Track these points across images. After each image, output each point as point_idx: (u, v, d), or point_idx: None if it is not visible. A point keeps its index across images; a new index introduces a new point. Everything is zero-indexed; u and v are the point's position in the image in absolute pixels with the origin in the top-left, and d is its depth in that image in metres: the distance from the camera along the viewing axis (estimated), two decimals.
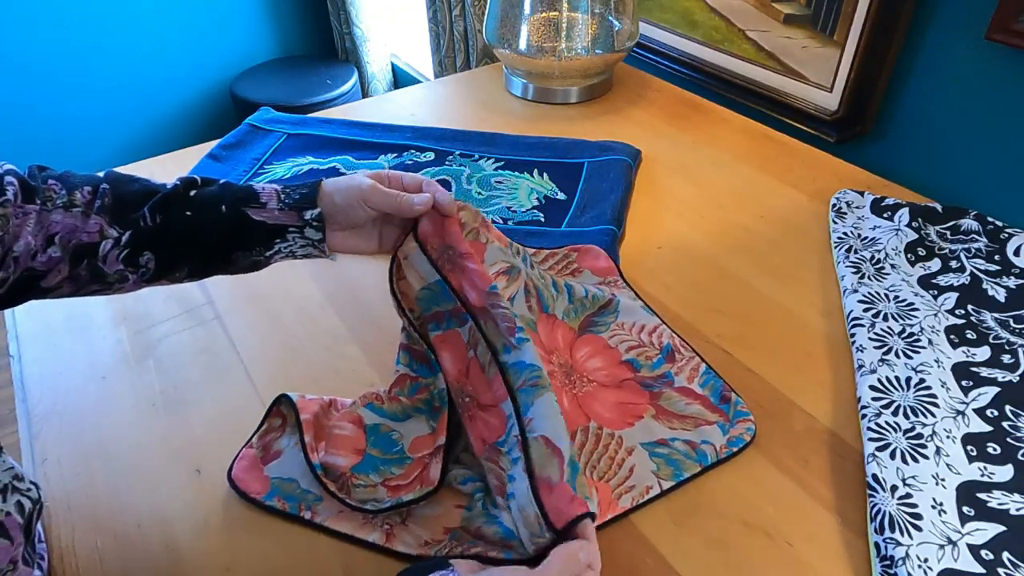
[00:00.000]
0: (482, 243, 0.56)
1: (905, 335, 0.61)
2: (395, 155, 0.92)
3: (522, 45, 1.05)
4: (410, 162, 0.90)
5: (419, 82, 2.12)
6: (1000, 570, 0.45)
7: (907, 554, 0.44)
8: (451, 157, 0.91)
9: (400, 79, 2.34)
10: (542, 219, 0.79)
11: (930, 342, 0.60)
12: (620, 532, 0.49)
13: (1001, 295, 0.65)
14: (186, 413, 0.59)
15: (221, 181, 0.54)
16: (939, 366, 0.58)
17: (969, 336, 0.61)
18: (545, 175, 0.87)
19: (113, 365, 0.63)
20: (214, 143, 0.95)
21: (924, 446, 0.52)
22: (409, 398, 0.56)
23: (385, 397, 0.56)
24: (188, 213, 0.51)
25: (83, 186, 0.51)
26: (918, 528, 0.46)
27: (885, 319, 0.62)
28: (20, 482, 0.44)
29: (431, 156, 0.92)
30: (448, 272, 0.53)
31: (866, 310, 0.63)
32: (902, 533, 0.45)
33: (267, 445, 0.55)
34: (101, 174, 0.53)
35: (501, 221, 0.79)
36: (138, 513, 0.51)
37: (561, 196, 0.83)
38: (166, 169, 0.90)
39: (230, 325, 0.67)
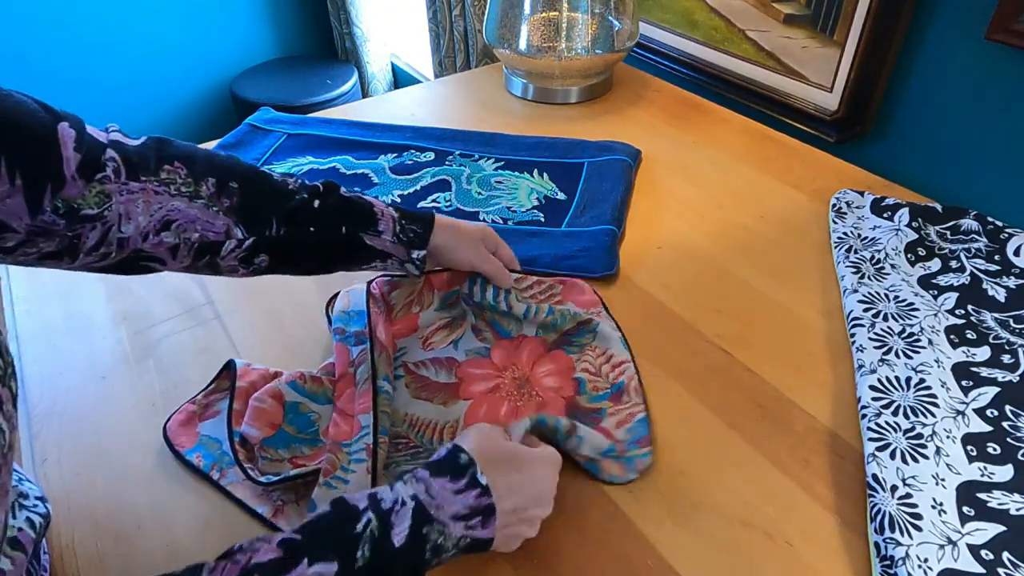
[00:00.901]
0: (414, 313, 0.65)
1: (905, 335, 0.61)
2: (395, 155, 0.92)
3: (522, 45, 1.04)
4: (410, 162, 0.90)
5: (419, 82, 2.12)
6: (1000, 570, 0.45)
7: (907, 554, 0.44)
8: (451, 157, 0.91)
9: (400, 79, 2.34)
10: (542, 219, 0.79)
11: (930, 342, 0.60)
12: (620, 532, 0.49)
13: (1001, 295, 0.65)
14: None
15: (342, 191, 0.57)
16: (939, 366, 0.58)
17: (969, 336, 0.61)
18: (545, 175, 0.87)
19: (113, 365, 0.63)
20: (214, 143, 0.95)
21: (924, 446, 0.52)
22: (332, 380, 0.58)
23: (308, 377, 0.58)
24: (312, 229, 0.54)
25: (207, 177, 0.50)
26: (918, 528, 0.46)
27: (885, 319, 0.62)
28: (26, 499, 0.44)
29: (431, 156, 0.92)
30: (373, 314, 0.61)
31: (866, 310, 0.63)
32: (902, 533, 0.45)
33: (208, 404, 0.58)
34: (223, 158, 0.53)
35: (501, 221, 0.79)
36: (138, 513, 0.51)
37: (561, 196, 0.83)
38: None
39: (230, 325, 0.67)
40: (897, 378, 0.57)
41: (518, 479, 0.45)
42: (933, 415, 0.54)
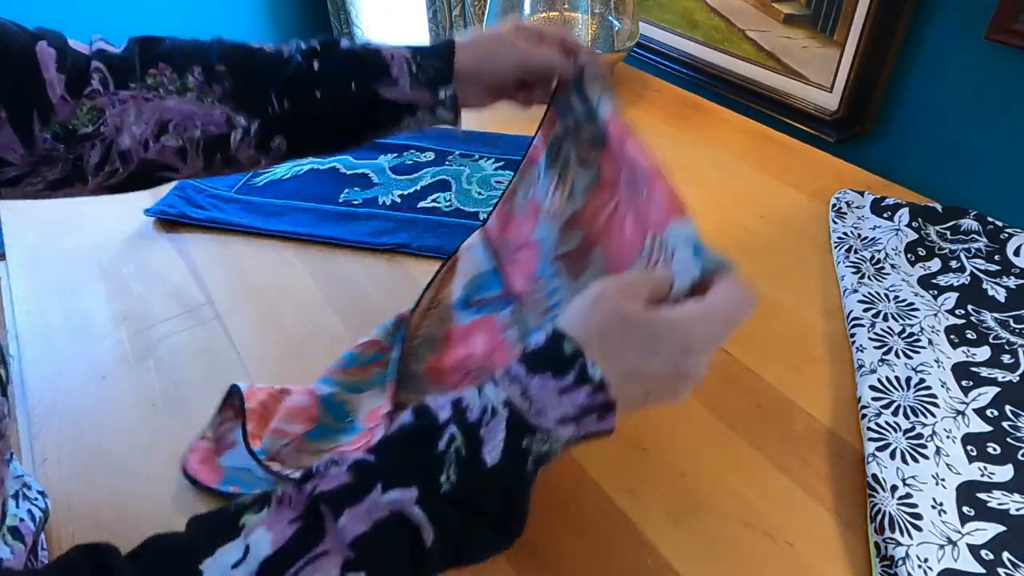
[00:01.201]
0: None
1: (905, 335, 0.61)
2: (395, 155, 0.92)
3: None
4: (410, 162, 0.90)
5: None
6: (1000, 570, 0.45)
7: (907, 554, 0.44)
8: (451, 157, 0.91)
9: None
10: None
11: (930, 342, 0.60)
12: (620, 532, 0.49)
13: (1001, 295, 0.65)
14: (186, 413, 0.58)
15: (343, 44, 0.50)
16: (939, 366, 0.58)
17: (969, 336, 0.61)
18: None
19: (113, 365, 0.63)
20: None
21: (924, 446, 0.52)
22: (364, 368, 0.57)
23: (339, 370, 0.58)
24: (317, 94, 0.48)
25: (192, 65, 0.46)
26: (918, 528, 0.46)
27: (885, 319, 0.62)
28: (28, 490, 0.44)
29: (431, 156, 0.92)
30: (504, 264, 0.55)
31: (866, 310, 0.63)
32: (902, 533, 0.45)
33: (221, 436, 0.55)
34: (207, 44, 0.48)
35: None
36: (138, 513, 0.51)
37: None
38: None
39: (230, 325, 0.67)
40: (897, 378, 0.57)
41: (650, 364, 0.35)
42: (933, 415, 0.54)
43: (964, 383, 0.57)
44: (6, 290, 0.72)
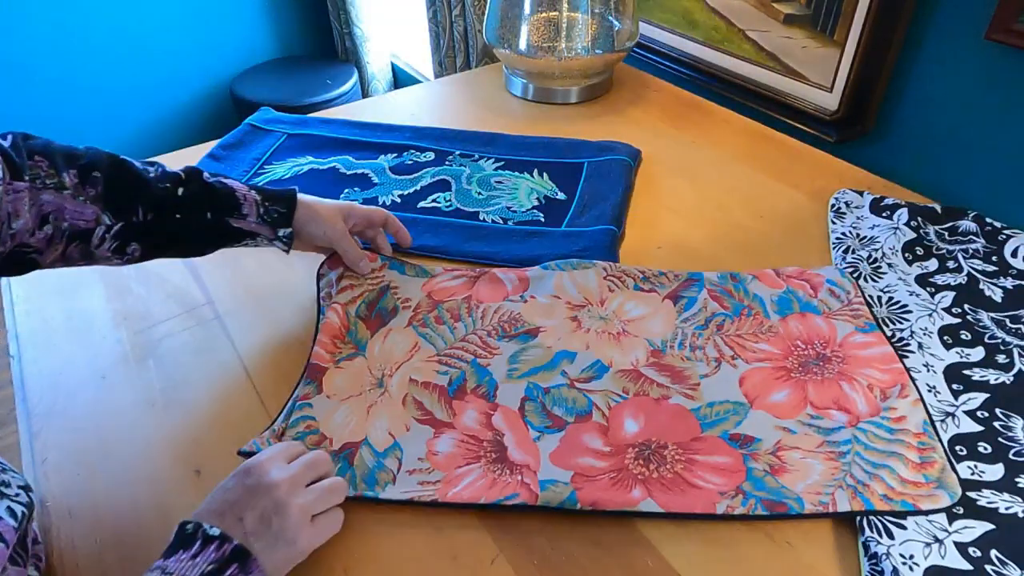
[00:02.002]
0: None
1: (895, 340, 0.61)
2: (395, 155, 0.92)
3: (522, 45, 1.05)
4: (410, 162, 0.91)
5: (419, 82, 2.12)
6: (988, 567, 0.45)
7: (888, 552, 0.45)
8: (451, 157, 0.91)
9: (400, 79, 2.34)
10: (542, 219, 0.79)
11: (920, 346, 0.60)
12: (620, 532, 0.49)
13: (998, 295, 0.65)
14: (186, 413, 0.59)
15: (206, 177, 0.59)
16: (929, 370, 0.58)
17: (964, 337, 0.61)
18: (545, 175, 0.87)
19: (113, 365, 0.63)
20: (214, 143, 0.95)
21: None
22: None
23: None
24: (178, 216, 0.57)
25: (68, 168, 0.52)
26: (902, 527, 0.46)
27: None
28: (7, 487, 0.44)
29: (431, 156, 0.92)
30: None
31: None
32: (880, 534, 0.46)
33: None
34: (82, 151, 0.54)
35: (501, 221, 0.79)
36: (138, 513, 0.51)
37: (561, 196, 0.83)
38: None
39: (230, 325, 0.67)
40: None
41: (257, 502, 0.43)
42: None
43: (955, 386, 0.57)
44: (6, 290, 0.72)
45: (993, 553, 0.45)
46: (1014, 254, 0.69)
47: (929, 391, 0.56)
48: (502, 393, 0.58)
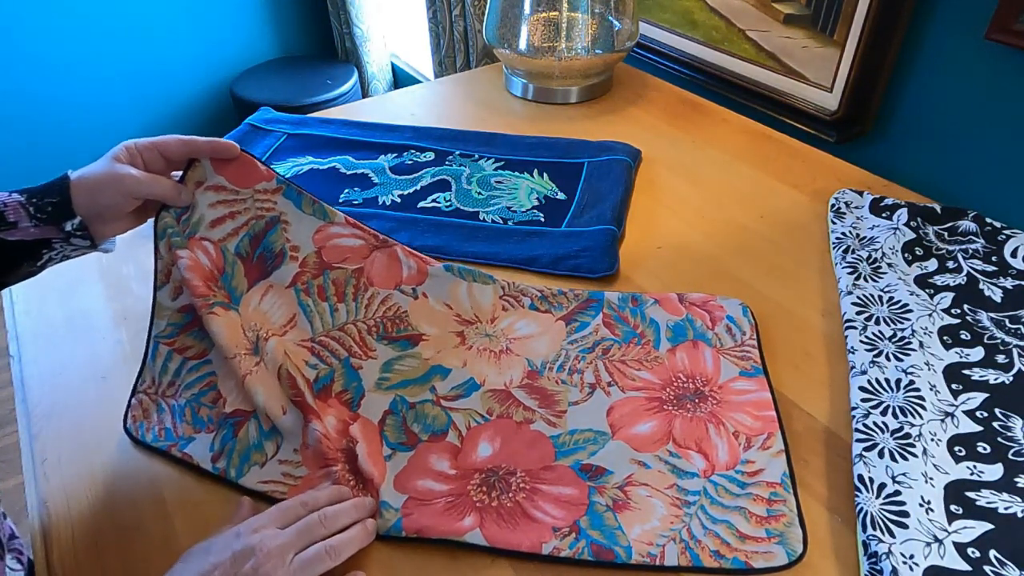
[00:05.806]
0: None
1: (896, 339, 0.61)
2: (395, 155, 0.92)
3: (522, 45, 1.05)
4: (410, 162, 0.91)
5: (419, 82, 2.12)
6: (987, 568, 0.45)
7: (890, 550, 0.45)
8: (451, 157, 0.91)
9: (400, 79, 2.34)
10: (542, 219, 0.80)
11: (921, 344, 0.60)
12: None
13: (997, 295, 0.65)
14: None
15: None
16: (929, 368, 0.58)
17: (963, 337, 0.61)
18: (545, 175, 0.87)
19: (113, 365, 0.63)
20: None
21: (912, 445, 0.52)
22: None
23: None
24: None
25: None
26: (903, 526, 0.46)
27: (877, 323, 0.62)
28: (14, 540, 0.44)
29: (431, 156, 0.92)
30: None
31: (859, 313, 0.63)
32: (883, 532, 0.46)
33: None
34: None
35: (501, 221, 0.79)
36: (138, 512, 0.51)
37: (561, 196, 0.83)
38: None
39: None
40: (887, 379, 0.57)
41: (240, 570, 0.42)
42: (921, 417, 0.54)
43: (954, 386, 0.57)
44: (6, 290, 0.72)
45: (992, 553, 0.45)
46: (1014, 254, 0.69)
47: (930, 390, 0.56)
48: (367, 404, 0.57)
